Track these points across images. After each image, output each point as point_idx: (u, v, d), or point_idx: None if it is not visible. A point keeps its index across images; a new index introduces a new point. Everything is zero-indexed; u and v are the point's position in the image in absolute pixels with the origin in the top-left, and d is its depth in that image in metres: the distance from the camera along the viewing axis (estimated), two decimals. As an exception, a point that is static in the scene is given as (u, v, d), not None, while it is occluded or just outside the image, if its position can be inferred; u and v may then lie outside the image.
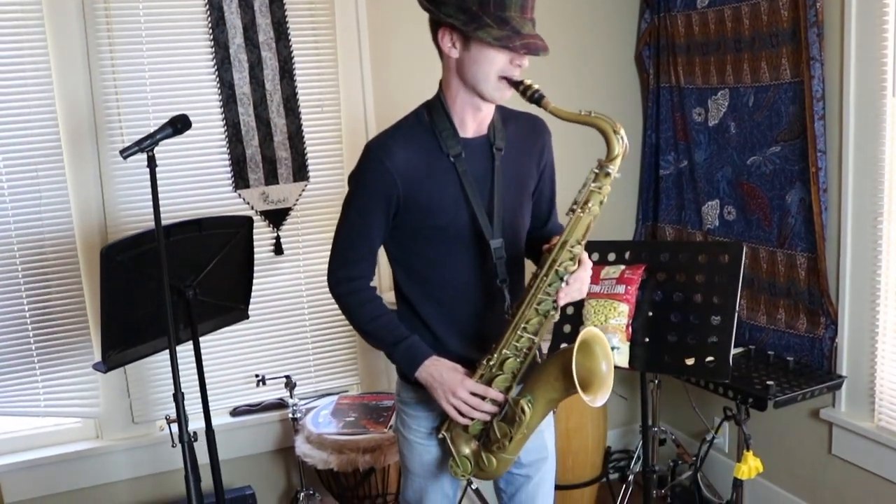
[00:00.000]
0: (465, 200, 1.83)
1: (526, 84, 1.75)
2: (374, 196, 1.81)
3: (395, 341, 1.87)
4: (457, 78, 1.80)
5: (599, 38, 3.56)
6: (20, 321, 2.87)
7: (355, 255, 1.88)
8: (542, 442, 2.08)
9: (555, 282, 1.79)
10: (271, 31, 3.01)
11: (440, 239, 1.85)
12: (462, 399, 1.81)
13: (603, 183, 1.79)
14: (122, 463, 3.05)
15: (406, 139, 1.82)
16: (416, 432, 1.97)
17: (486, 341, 1.86)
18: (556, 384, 1.76)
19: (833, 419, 2.91)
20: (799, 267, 2.93)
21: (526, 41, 1.69)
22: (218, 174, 3.04)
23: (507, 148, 1.90)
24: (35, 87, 2.81)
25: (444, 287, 1.89)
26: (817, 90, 2.74)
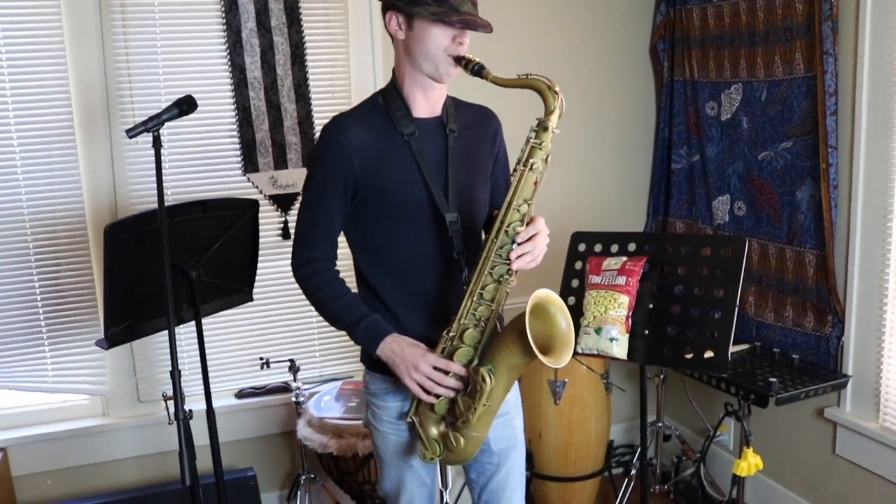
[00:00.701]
0: (420, 177, 1.87)
1: (467, 58, 1.79)
2: (332, 175, 1.85)
3: (356, 320, 1.89)
4: (406, 59, 1.86)
5: (614, 30, 3.54)
6: (30, 298, 2.92)
7: (317, 236, 1.92)
8: (511, 430, 2.09)
9: (506, 244, 1.80)
10: (284, 16, 3.02)
11: (397, 216, 1.89)
12: (424, 373, 1.82)
13: (543, 139, 1.80)
14: (127, 440, 3.10)
15: (361, 119, 1.89)
16: (386, 422, 1.99)
17: (447, 318, 1.87)
18: (514, 349, 1.75)
19: (837, 419, 2.88)
20: (807, 264, 2.90)
21: (463, 17, 1.76)
22: (228, 157, 3.07)
23: (459, 131, 1.95)
24: (50, 68, 2.85)
25: (403, 264, 1.92)
26: (830, 85, 2.70)
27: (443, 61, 1.81)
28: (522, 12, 3.38)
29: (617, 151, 3.63)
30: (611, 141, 3.62)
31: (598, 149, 3.60)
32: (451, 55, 1.80)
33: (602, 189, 3.63)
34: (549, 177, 3.54)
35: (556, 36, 3.43)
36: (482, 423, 1.83)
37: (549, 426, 3.20)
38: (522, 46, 3.40)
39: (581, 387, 3.19)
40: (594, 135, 3.59)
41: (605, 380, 3.26)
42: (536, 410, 3.23)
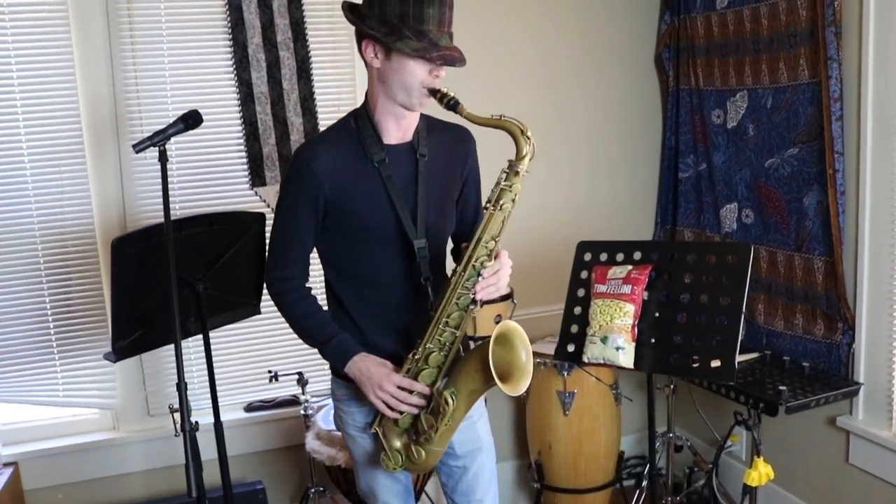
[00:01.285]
0: (389, 203, 1.93)
1: (443, 92, 1.83)
2: (302, 197, 1.91)
3: (326, 338, 1.98)
4: (379, 87, 1.89)
5: (619, 40, 3.55)
6: (41, 312, 2.95)
7: (288, 255, 1.99)
8: (475, 433, 2.15)
9: (472, 276, 1.88)
10: (289, 32, 3.05)
11: (366, 240, 1.95)
12: (389, 392, 1.90)
13: (513, 181, 1.86)
14: (137, 454, 3.11)
15: (332, 144, 1.93)
16: (353, 426, 2.08)
17: (413, 338, 1.95)
18: (476, 376, 1.86)
19: (850, 427, 2.85)
20: (816, 271, 2.88)
21: (443, 52, 1.79)
22: (235, 171, 3.09)
23: (430, 155, 1.98)
24: (59, 84, 2.88)
25: (371, 285, 1.99)
26: (835, 90, 2.69)
27: (417, 93, 1.84)
28: (527, 24, 3.39)
29: (624, 161, 3.63)
30: (618, 151, 3.62)
31: (605, 159, 3.60)
32: (427, 87, 1.83)
33: (610, 199, 3.63)
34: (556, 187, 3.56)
35: (561, 46, 3.45)
36: (443, 439, 1.95)
37: (558, 437, 3.19)
38: (527, 57, 3.41)
39: (590, 398, 3.18)
40: (601, 145, 3.59)
41: (615, 390, 3.24)
42: (546, 422, 3.21)
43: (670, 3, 3.46)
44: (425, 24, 1.77)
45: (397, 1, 1.76)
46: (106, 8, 2.88)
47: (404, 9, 1.76)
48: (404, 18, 1.76)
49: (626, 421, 3.41)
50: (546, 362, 3.16)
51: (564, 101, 3.49)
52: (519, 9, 3.37)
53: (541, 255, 3.48)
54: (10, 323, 2.92)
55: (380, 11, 1.79)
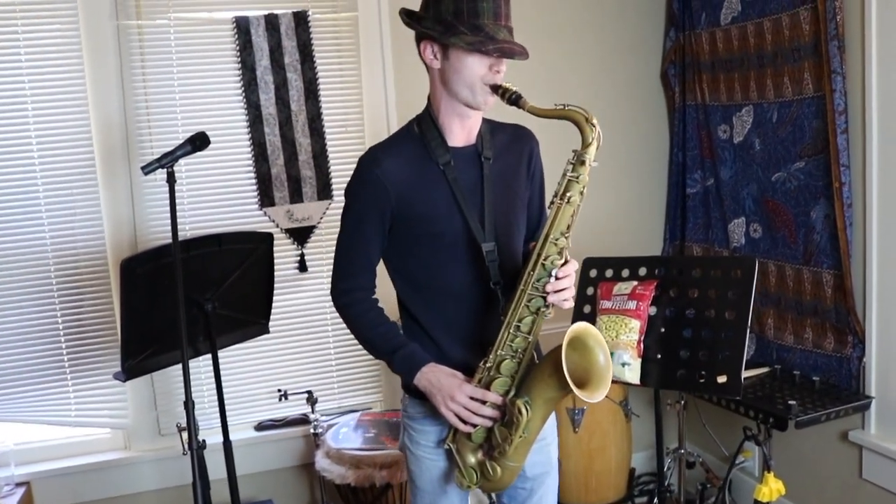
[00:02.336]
0: (456, 206, 1.87)
1: (504, 87, 1.79)
2: (368, 207, 1.86)
3: (393, 349, 1.90)
4: (441, 88, 1.86)
5: (625, 57, 3.57)
6: (54, 333, 2.99)
7: (354, 266, 1.93)
8: (547, 456, 2.06)
9: (542, 276, 1.79)
10: (297, 54, 3.10)
11: (435, 245, 1.88)
12: (461, 404, 1.81)
13: (580, 172, 1.80)
14: (148, 474, 3.13)
15: (396, 150, 1.88)
16: (424, 447, 1.98)
17: (485, 346, 1.86)
18: (551, 382, 1.73)
19: (863, 442, 2.82)
20: (825, 284, 2.87)
21: (500, 45, 1.75)
22: (244, 192, 3.13)
23: (495, 157, 1.93)
24: (72, 108, 2.94)
25: (441, 293, 1.92)
26: (839, 104, 2.69)
27: (480, 90, 1.80)
28: (534, 40, 3.40)
29: (632, 177, 3.64)
30: (625, 167, 3.63)
31: (613, 175, 3.61)
32: (488, 84, 1.79)
33: (618, 215, 3.63)
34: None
35: (567, 64, 3.47)
36: (519, 454, 1.83)
37: (568, 454, 3.17)
38: (534, 75, 3.43)
39: (600, 414, 3.17)
40: (609, 161, 3.57)
41: (625, 407, 3.23)
42: (556, 438, 3.20)
43: (675, 20, 3.48)
44: (480, 18, 1.74)
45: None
46: (117, 32, 2.94)
47: (458, 5, 1.74)
48: (458, 14, 1.74)
49: (636, 437, 3.39)
50: (555, 379, 3.15)
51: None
52: (524, 26, 3.37)
53: (549, 272, 3.48)
54: (23, 343, 2.96)
55: (435, 11, 1.77)
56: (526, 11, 3.39)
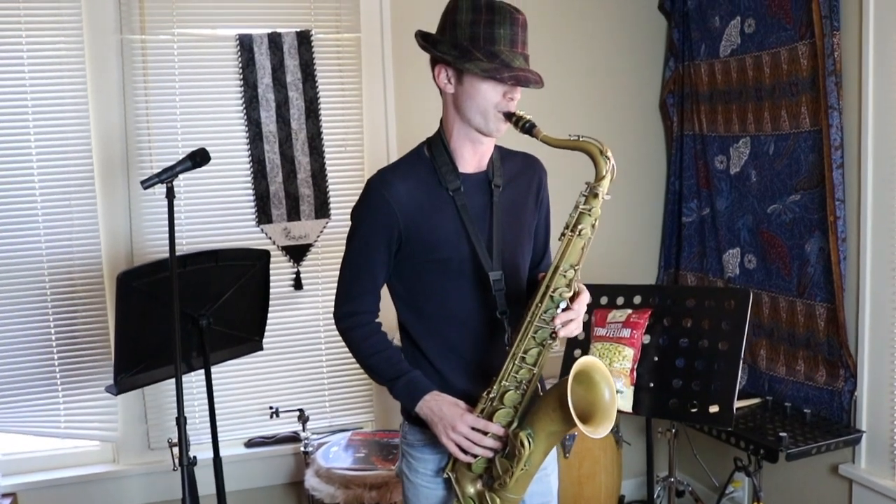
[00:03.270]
0: (464, 234, 1.84)
1: (518, 115, 1.78)
2: (376, 229, 1.84)
3: (396, 376, 1.86)
4: (454, 113, 1.84)
5: (625, 86, 3.60)
6: (46, 343, 2.98)
7: (359, 289, 1.90)
8: (547, 485, 2.03)
9: (550, 308, 1.77)
10: (299, 73, 3.12)
11: (441, 272, 1.86)
12: (462, 434, 1.78)
13: (593, 205, 1.80)
14: (136, 487, 3.11)
15: (406, 173, 1.86)
16: (422, 475, 1.94)
17: (489, 376, 1.83)
18: (555, 416, 1.70)
19: (853, 476, 2.82)
20: (818, 317, 2.88)
21: (515, 73, 1.74)
22: (242, 208, 3.14)
23: (505, 185, 1.92)
24: (73, 120, 2.96)
25: (446, 321, 1.89)
26: (836, 139, 2.72)
27: (493, 117, 1.79)
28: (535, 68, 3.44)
29: (628, 205, 3.66)
30: (622, 194, 3.64)
31: (609, 202, 3.61)
32: (502, 111, 1.78)
33: (614, 242, 3.64)
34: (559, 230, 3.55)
35: (568, 91, 3.49)
36: (519, 486, 1.79)
37: (558, 480, 3.16)
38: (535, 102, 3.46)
39: (591, 440, 3.15)
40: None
41: (616, 434, 3.23)
42: (546, 463, 3.20)
43: (675, 51, 3.51)
44: (496, 45, 1.74)
45: (468, 24, 1.75)
46: (121, 46, 2.96)
47: (475, 31, 1.74)
48: (475, 40, 1.74)
49: (627, 465, 3.38)
50: (547, 404, 3.16)
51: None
52: (525, 53, 3.43)
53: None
54: (14, 353, 2.95)
55: (451, 36, 1.77)
56: (527, 37, 3.42)
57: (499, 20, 1.74)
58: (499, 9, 1.75)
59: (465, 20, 1.75)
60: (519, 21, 1.78)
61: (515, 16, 1.77)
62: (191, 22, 3.03)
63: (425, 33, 1.85)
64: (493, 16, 1.74)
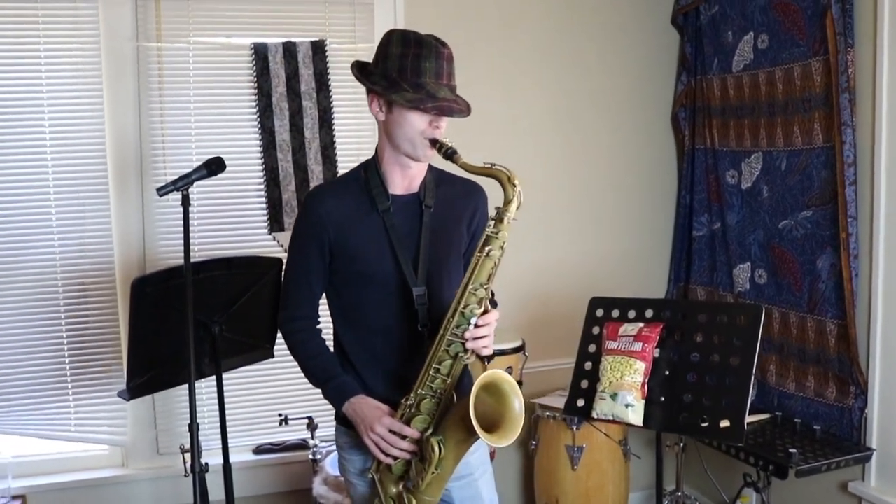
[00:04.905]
0: (390, 250, 1.99)
1: (441, 142, 1.90)
2: (309, 240, 2.01)
3: (327, 378, 2.04)
4: (385, 139, 1.99)
5: (637, 99, 3.61)
6: (58, 348, 3.00)
7: (296, 296, 2.07)
8: (475, 490, 2.14)
9: (462, 324, 1.90)
10: (313, 82, 3.13)
11: (366, 285, 2.01)
12: (380, 435, 1.92)
13: (500, 228, 1.89)
14: (144, 492, 3.12)
15: (340, 191, 2.04)
16: (351, 473, 2.13)
17: (410, 384, 1.96)
18: (461, 425, 1.83)
19: (862, 494, 2.81)
20: (829, 334, 2.88)
21: (439, 104, 1.86)
22: (254, 216, 3.15)
23: (436, 207, 2.05)
24: (88, 126, 2.98)
25: (371, 332, 2.03)
26: (848, 155, 2.72)
27: (420, 143, 1.91)
28: (544, 81, 3.46)
29: (639, 218, 3.67)
30: (633, 208, 3.66)
31: (620, 215, 3.64)
32: (427, 138, 1.90)
33: (624, 255, 3.65)
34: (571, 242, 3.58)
35: (581, 104, 3.51)
36: (433, 488, 1.94)
37: (566, 492, 3.17)
38: (545, 114, 3.48)
39: (599, 453, 3.16)
40: (617, 201, 3.63)
41: (624, 447, 3.22)
42: (554, 476, 3.20)
43: (687, 65, 3.52)
44: (422, 77, 1.85)
45: (397, 56, 1.87)
46: (137, 54, 2.98)
47: (402, 63, 1.86)
48: (402, 72, 1.86)
49: (634, 478, 3.38)
50: (555, 416, 3.16)
51: (581, 157, 3.55)
52: (537, 66, 3.44)
53: (553, 309, 3.50)
54: (26, 356, 2.97)
55: (382, 67, 1.90)
56: (538, 48, 3.44)
57: (425, 54, 1.86)
58: (426, 43, 1.87)
59: (395, 53, 1.88)
60: (444, 55, 1.89)
61: (441, 50, 1.89)
62: (206, 30, 3.05)
63: (362, 64, 1.99)
64: (421, 49, 1.86)
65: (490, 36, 3.35)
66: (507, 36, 3.37)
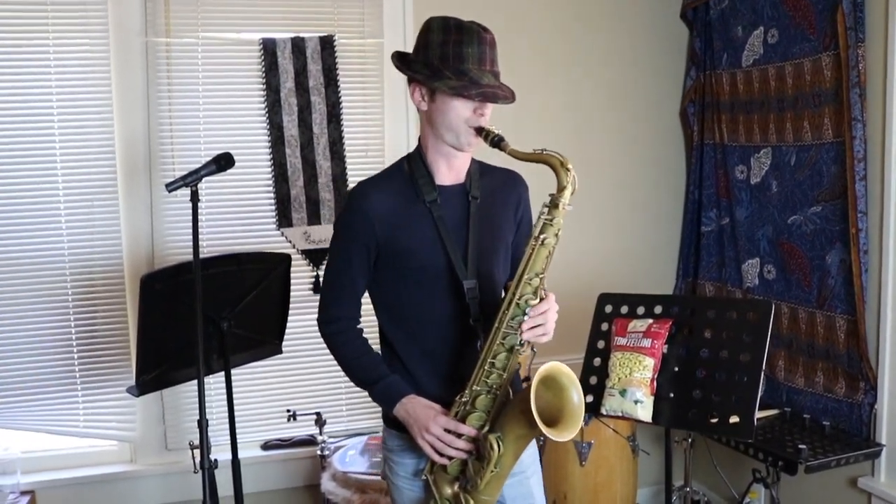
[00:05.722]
0: (440, 243, 1.92)
1: (487, 129, 1.85)
2: (354, 238, 1.94)
3: (374, 380, 1.96)
4: (429, 129, 1.94)
5: (646, 94, 3.60)
6: (66, 343, 3.00)
7: (339, 295, 2.00)
8: (527, 489, 2.09)
9: (517, 315, 1.84)
10: (321, 77, 3.13)
11: (417, 280, 1.94)
12: (436, 435, 1.86)
13: (555, 215, 1.84)
14: (153, 488, 3.13)
15: (384, 185, 1.96)
16: (402, 477, 2.03)
17: (462, 381, 1.91)
18: (521, 419, 1.78)
19: (872, 489, 2.81)
20: (838, 329, 2.87)
21: (482, 90, 1.81)
22: (263, 212, 3.15)
23: (482, 197, 2.00)
24: (97, 121, 2.98)
25: (421, 327, 1.97)
26: (859, 151, 2.71)
27: (464, 132, 1.87)
28: (554, 75, 3.45)
29: (647, 213, 3.66)
30: (641, 202, 3.65)
31: (628, 210, 3.63)
32: (472, 126, 1.86)
33: (632, 250, 3.65)
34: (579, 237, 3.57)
35: (589, 99, 3.50)
36: (491, 487, 1.86)
37: (574, 487, 3.16)
38: (554, 109, 3.47)
39: (607, 449, 3.16)
40: (625, 196, 3.62)
41: (632, 443, 3.22)
42: (562, 471, 3.19)
43: (696, 60, 3.51)
44: (465, 63, 1.81)
45: (438, 44, 1.83)
46: (146, 49, 2.98)
47: (444, 50, 1.82)
48: (444, 59, 1.82)
49: (642, 474, 3.38)
50: (564, 411, 3.15)
51: (590, 152, 3.54)
52: (546, 60, 3.43)
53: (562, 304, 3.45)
54: (35, 352, 2.98)
55: (423, 56, 1.86)
56: (547, 43, 3.43)
57: (467, 39, 1.82)
58: (467, 29, 1.83)
59: (436, 40, 1.84)
60: (486, 40, 1.85)
61: (483, 35, 1.84)
62: (215, 26, 3.05)
63: (402, 54, 1.95)
64: (462, 35, 1.82)
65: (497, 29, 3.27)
66: (515, 29, 3.36)
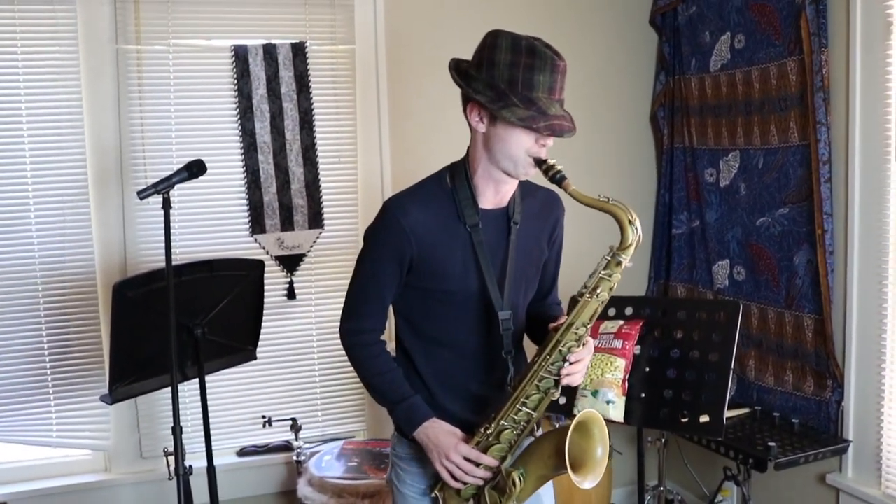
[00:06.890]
0: (476, 269, 1.84)
1: (549, 164, 1.76)
2: (388, 253, 1.84)
3: (397, 400, 1.89)
4: (483, 150, 1.82)
5: (616, 99, 3.64)
6: (38, 353, 2.97)
7: (366, 309, 1.91)
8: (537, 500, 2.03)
9: (557, 361, 1.80)
10: (293, 84, 3.14)
11: (448, 303, 1.87)
12: (455, 463, 1.82)
13: (614, 271, 1.80)
14: (128, 496, 3.10)
15: (425, 201, 1.85)
16: (410, 486, 1.98)
17: (483, 405, 1.88)
18: (549, 461, 1.77)
19: (839, 485, 2.86)
20: (806, 328, 2.92)
21: (550, 122, 1.71)
22: (236, 218, 3.15)
23: (522, 221, 1.92)
24: (67, 129, 2.96)
25: (447, 348, 1.91)
26: (823, 153, 2.77)
27: (523, 162, 1.77)
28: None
29: (619, 216, 3.69)
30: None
31: (599, 214, 3.65)
32: (532, 156, 1.76)
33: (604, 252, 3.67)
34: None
35: (558, 103, 3.53)
36: None
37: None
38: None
39: (581, 449, 3.18)
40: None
41: (607, 443, 3.25)
42: (537, 473, 3.21)
43: (666, 65, 3.56)
44: (535, 92, 1.70)
45: (507, 66, 1.70)
46: (116, 56, 2.96)
47: (514, 74, 1.69)
48: (513, 84, 1.69)
49: (616, 474, 3.41)
50: (538, 413, 3.18)
51: (561, 156, 3.51)
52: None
53: (535, 307, 3.51)
54: (6, 362, 2.94)
55: (488, 75, 1.72)
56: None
57: (539, 65, 1.70)
58: (540, 53, 1.70)
59: (504, 60, 1.70)
60: (559, 68, 1.73)
61: (557, 62, 1.72)
62: (186, 33, 3.04)
63: (459, 63, 1.81)
64: (535, 60, 1.70)
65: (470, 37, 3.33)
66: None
